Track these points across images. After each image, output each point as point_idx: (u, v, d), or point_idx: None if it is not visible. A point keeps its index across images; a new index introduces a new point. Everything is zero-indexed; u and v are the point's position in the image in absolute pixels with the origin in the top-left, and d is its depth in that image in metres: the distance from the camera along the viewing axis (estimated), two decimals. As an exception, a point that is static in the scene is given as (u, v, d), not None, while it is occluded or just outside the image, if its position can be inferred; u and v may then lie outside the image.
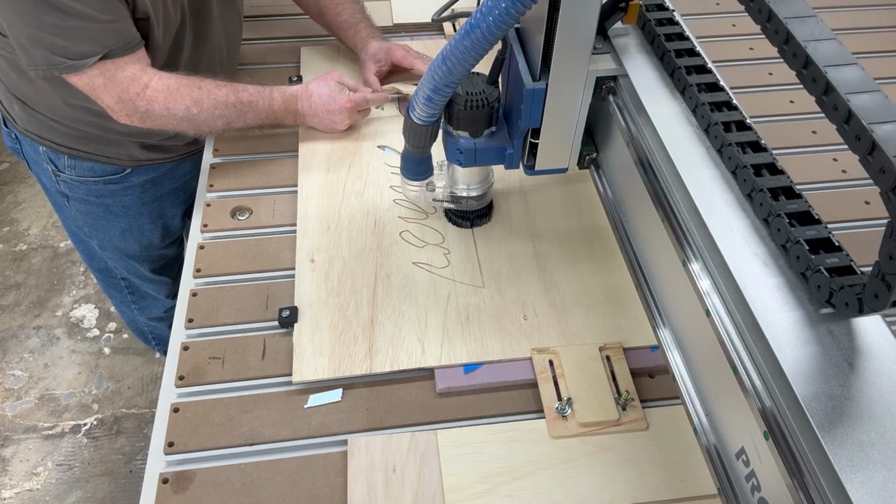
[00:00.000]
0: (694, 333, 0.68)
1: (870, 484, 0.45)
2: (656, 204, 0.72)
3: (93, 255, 1.39)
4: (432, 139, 0.84)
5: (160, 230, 1.33)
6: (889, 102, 0.50)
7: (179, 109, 0.99)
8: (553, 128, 0.82)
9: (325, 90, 1.08)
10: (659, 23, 0.80)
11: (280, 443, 0.79)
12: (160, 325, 1.62)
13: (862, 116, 0.49)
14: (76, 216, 1.27)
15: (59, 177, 1.18)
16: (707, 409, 0.66)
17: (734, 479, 0.61)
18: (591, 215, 1.02)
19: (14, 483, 1.76)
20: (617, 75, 0.81)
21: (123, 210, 1.25)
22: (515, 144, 0.85)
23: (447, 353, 0.85)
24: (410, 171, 0.92)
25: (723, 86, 0.73)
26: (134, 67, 0.95)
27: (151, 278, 1.44)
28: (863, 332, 0.53)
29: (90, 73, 0.93)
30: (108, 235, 1.29)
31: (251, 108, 1.04)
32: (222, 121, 1.03)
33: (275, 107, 1.06)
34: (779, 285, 0.57)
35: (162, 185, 1.26)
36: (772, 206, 0.59)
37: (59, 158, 1.15)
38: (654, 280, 0.77)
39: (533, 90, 0.76)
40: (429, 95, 0.75)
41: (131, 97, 0.96)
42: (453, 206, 0.98)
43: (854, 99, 0.50)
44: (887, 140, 0.47)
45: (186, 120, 1.00)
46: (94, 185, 1.19)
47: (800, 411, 0.49)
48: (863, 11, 1.45)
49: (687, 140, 0.70)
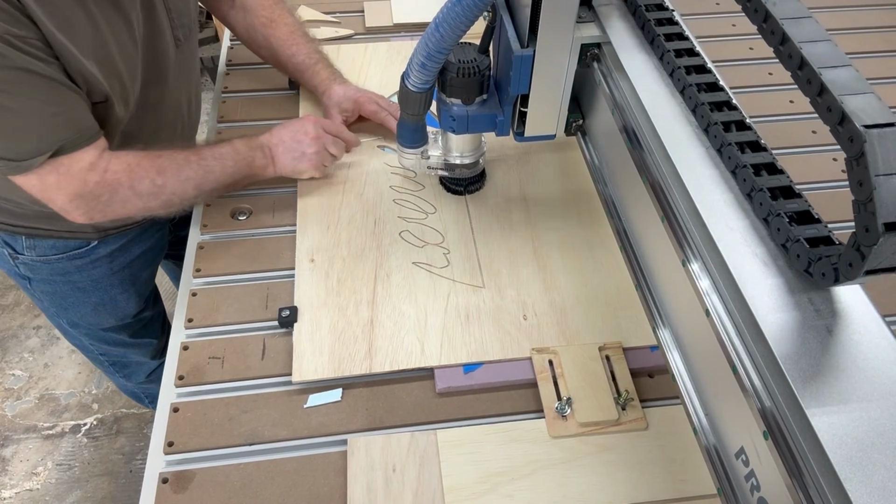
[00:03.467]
0: (693, 333, 0.68)
1: (870, 484, 0.45)
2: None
3: (66, 332, 1.29)
4: (426, 106, 0.88)
5: (134, 298, 1.24)
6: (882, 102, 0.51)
7: (145, 185, 0.89)
8: (541, 94, 0.86)
9: (293, 122, 1.02)
10: (658, 23, 0.80)
11: (280, 443, 0.79)
12: (151, 385, 1.51)
13: (855, 118, 0.49)
14: (41, 298, 1.17)
15: (18, 259, 1.08)
16: (707, 409, 0.66)
17: (734, 478, 0.61)
18: (590, 215, 1.02)
19: (14, 483, 1.76)
20: (601, 42, 0.84)
21: (93, 284, 1.15)
22: (506, 111, 0.89)
23: (447, 352, 0.85)
24: (406, 139, 0.96)
25: (722, 86, 0.73)
26: (90, 156, 0.84)
27: (133, 343, 1.35)
28: (862, 333, 0.53)
29: (40, 172, 0.81)
30: (80, 312, 1.20)
31: (215, 159, 0.95)
32: (191, 184, 0.92)
33: (238, 147, 0.97)
34: (778, 285, 0.57)
35: (131, 250, 1.16)
36: (771, 205, 0.60)
37: (16, 240, 1.05)
38: (654, 280, 0.77)
39: (521, 56, 0.80)
40: (423, 62, 0.79)
41: (91, 189, 0.85)
42: (447, 173, 1.02)
43: (848, 101, 0.51)
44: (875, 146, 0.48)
45: (153, 196, 0.90)
46: (57, 263, 1.09)
47: (799, 411, 0.49)
48: (862, 11, 1.45)
49: (687, 140, 0.70)
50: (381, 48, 1.32)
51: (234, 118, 1.18)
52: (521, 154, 1.11)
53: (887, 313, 0.62)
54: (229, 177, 0.96)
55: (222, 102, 1.22)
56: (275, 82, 1.25)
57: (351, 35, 1.37)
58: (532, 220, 1.01)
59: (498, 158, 1.10)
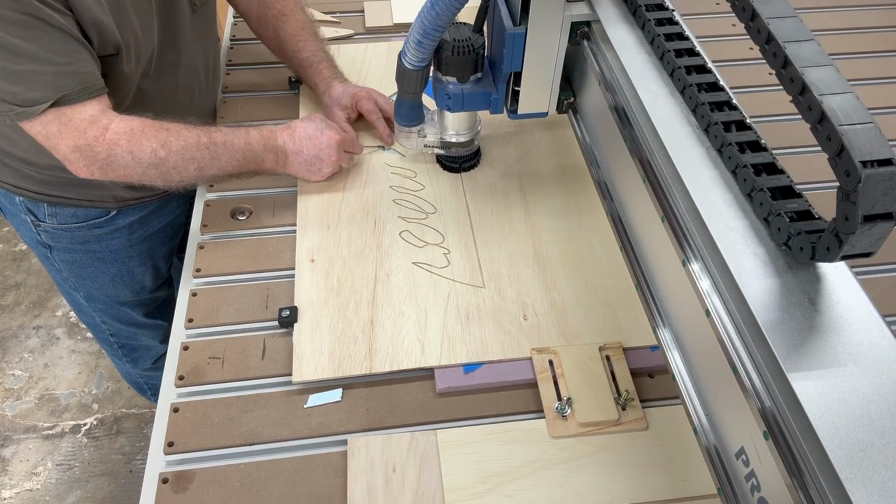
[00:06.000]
0: (693, 333, 0.68)
1: (870, 484, 0.45)
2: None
3: (80, 308, 1.31)
4: (423, 85, 0.92)
5: (151, 271, 1.26)
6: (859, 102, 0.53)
7: (145, 154, 0.88)
8: (533, 71, 0.90)
9: (309, 125, 1.00)
10: (659, 22, 0.80)
11: (280, 443, 0.79)
12: (156, 373, 1.51)
13: (832, 117, 0.51)
14: (61, 267, 1.19)
15: (40, 227, 1.10)
16: (707, 409, 0.66)
17: (734, 478, 0.61)
18: (591, 214, 1.02)
19: (14, 483, 1.76)
20: (590, 20, 0.88)
21: (112, 255, 1.18)
22: (499, 90, 0.93)
23: (447, 353, 0.85)
24: (403, 118, 0.99)
25: (723, 85, 0.73)
26: (93, 109, 0.85)
27: (146, 323, 1.37)
28: (862, 332, 0.53)
29: (43, 119, 0.83)
30: (98, 284, 1.22)
31: (226, 149, 0.94)
32: (194, 165, 0.92)
33: (252, 144, 0.96)
34: (779, 285, 0.57)
35: (150, 223, 1.18)
36: (772, 205, 0.59)
37: (39, 207, 1.07)
38: (654, 280, 0.77)
39: (513, 34, 0.84)
40: (419, 39, 0.83)
41: (89, 142, 0.86)
42: (443, 151, 1.05)
43: (827, 100, 0.53)
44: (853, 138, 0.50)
45: (153, 166, 0.90)
46: (78, 231, 1.11)
47: (800, 411, 0.49)
48: (862, 11, 1.45)
49: (687, 140, 0.70)
50: (381, 48, 1.32)
51: (233, 118, 1.18)
52: (521, 155, 1.12)
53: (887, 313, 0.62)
54: (235, 168, 0.96)
55: (222, 102, 1.22)
56: (275, 82, 1.25)
57: (351, 35, 1.37)
58: (532, 221, 1.01)
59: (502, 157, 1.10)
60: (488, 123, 1.15)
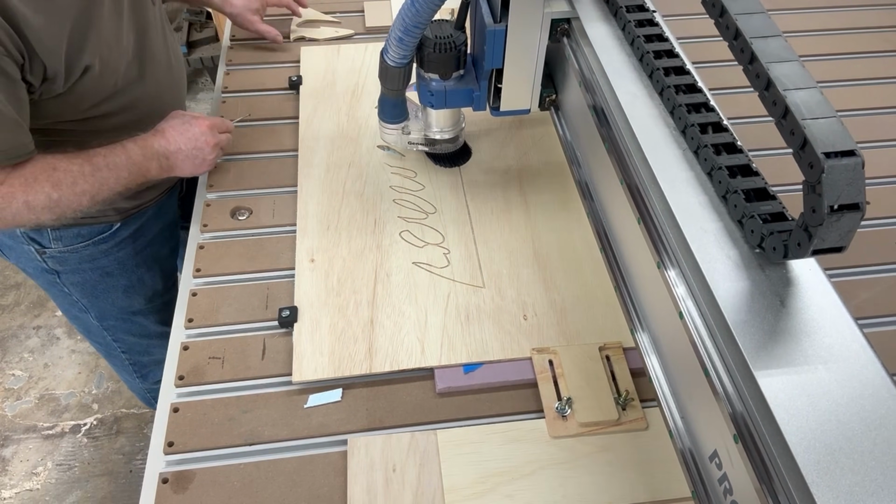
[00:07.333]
0: (669, 335, 0.67)
1: (836, 487, 0.44)
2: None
3: (90, 329, 1.30)
4: (405, 81, 0.92)
5: (160, 274, 1.27)
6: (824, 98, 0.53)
7: (40, 200, 0.86)
8: (515, 68, 0.91)
9: (175, 122, 0.99)
10: (639, 24, 0.80)
11: (280, 443, 0.79)
12: None
13: (796, 112, 0.52)
14: (71, 291, 1.18)
15: (45, 254, 1.09)
16: (682, 412, 0.66)
17: (708, 482, 0.61)
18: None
19: (14, 483, 1.76)
20: (570, 18, 0.88)
21: (120, 267, 1.18)
22: (482, 86, 0.94)
23: (447, 353, 0.85)
24: (387, 115, 1.00)
25: (701, 87, 0.72)
26: None
27: (159, 332, 1.35)
28: (833, 335, 0.53)
29: None
30: (112, 298, 1.22)
31: (110, 170, 0.92)
32: (86, 197, 0.90)
33: (133, 157, 0.94)
34: (751, 287, 0.56)
35: (150, 228, 1.19)
36: (746, 207, 0.59)
37: (42, 234, 1.07)
38: (633, 282, 0.77)
39: (494, 31, 0.85)
40: (400, 36, 0.84)
41: None
42: (427, 148, 1.06)
43: (791, 95, 0.53)
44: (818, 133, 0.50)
45: (47, 209, 0.88)
46: (84, 250, 1.11)
47: (769, 414, 0.49)
48: (862, 11, 1.44)
49: (664, 141, 0.70)
50: (380, 48, 1.31)
51: (233, 118, 1.18)
52: (522, 155, 1.12)
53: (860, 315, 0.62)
54: (123, 186, 0.94)
55: (222, 102, 1.22)
56: (275, 82, 1.25)
57: (351, 35, 1.37)
58: (532, 220, 1.01)
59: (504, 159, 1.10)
60: (489, 122, 1.15)
